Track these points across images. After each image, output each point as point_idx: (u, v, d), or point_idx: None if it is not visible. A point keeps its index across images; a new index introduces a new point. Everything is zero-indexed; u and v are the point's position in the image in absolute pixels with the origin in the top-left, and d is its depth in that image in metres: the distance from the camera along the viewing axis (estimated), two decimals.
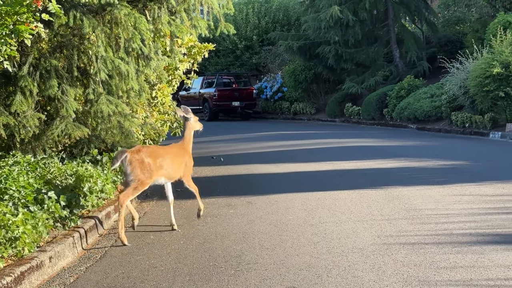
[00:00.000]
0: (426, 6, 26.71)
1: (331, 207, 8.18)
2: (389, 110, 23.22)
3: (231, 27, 10.40)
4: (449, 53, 24.50)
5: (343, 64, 26.65)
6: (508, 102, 17.43)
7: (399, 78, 25.34)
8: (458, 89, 19.48)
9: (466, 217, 7.28)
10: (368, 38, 26.81)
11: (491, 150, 14.47)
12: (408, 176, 10.53)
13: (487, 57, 17.91)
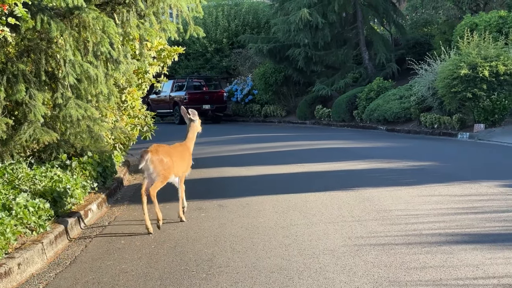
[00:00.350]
0: (395, 9, 26.96)
1: (302, 209, 8.20)
2: (359, 112, 23.38)
3: (201, 30, 10.38)
4: (417, 55, 24.77)
5: (313, 66, 26.76)
6: (475, 103, 17.66)
7: (368, 80, 25.53)
8: (426, 90, 19.68)
9: (435, 217, 7.35)
10: (338, 41, 26.96)
11: (459, 151, 14.64)
12: (378, 178, 10.60)
13: (455, 58, 18.12)
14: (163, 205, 8.60)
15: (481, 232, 6.60)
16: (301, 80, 28.40)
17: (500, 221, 7.00)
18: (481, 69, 16.98)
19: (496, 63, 17.11)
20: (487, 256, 5.70)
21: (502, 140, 15.97)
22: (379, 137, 18.82)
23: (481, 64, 17.12)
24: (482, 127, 17.62)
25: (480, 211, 7.58)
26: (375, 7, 26.32)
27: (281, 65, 28.01)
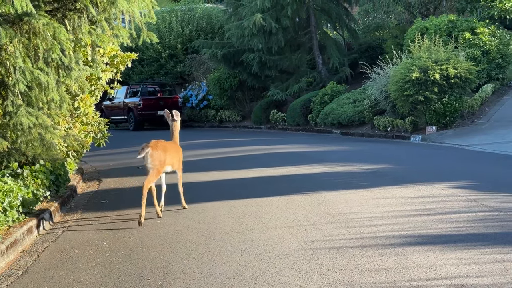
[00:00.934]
0: (347, 13, 27.23)
1: (258, 214, 8.21)
2: (313, 116, 23.52)
3: (154, 35, 10.30)
4: (370, 59, 25.05)
5: (267, 71, 26.83)
6: (427, 106, 17.94)
7: (322, 84, 25.71)
8: (379, 94, 19.91)
9: (389, 219, 7.44)
10: (291, 45, 27.11)
11: (412, 153, 14.84)
12: (333, 181, 10.68)
13: (406, 62, 18.38)
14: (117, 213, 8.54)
15: (434, 233, 6.71)
16: (256, 85, 28.45)
17: (452, 222, 7.12)
18: (432, 73, 17.26)
19: (446, 67, 17.41)
20: (440, 257, 5.79)
21: (453, 142, 16.25)
22: (333, 141, 18.97)
23: (432, 67, 17.40)
24: (434, 130, 17.91)
25: (433, 212, 7.70)
26: (328, 12, 26.54)
27: (235, 70, 28.02)
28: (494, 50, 20.43)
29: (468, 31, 20.73)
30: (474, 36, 20.59)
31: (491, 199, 8.33)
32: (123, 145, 19.66)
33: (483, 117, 18.75)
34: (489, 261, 5.61)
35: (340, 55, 26.08)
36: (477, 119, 18.73)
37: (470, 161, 13.02)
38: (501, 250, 5.92)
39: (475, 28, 20.81)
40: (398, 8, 25.92)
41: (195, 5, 36.06)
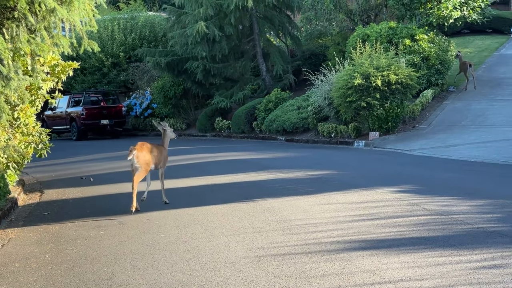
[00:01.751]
0: (290, 21, 27.44)
1: (204, 222, 8.18)
2: (258, 123, 23.59)
3: (95, 44, 10.16)
4: (313, 66, 25.30)
5: (211, 79, 26.83)
6: (370, 112, 18.20)
7: (266, 91, 25.83)
8: (323, 100, 20.10)
9: (333, 225, 7.50)
10: (235, 53, 27.16)
11: (355, 159, 15.03)
12: (278, 188, 10.72)
13: (349, 69, 18.62)
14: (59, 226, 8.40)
15: (378, 238, 6.80)
16: (201, 93, 28.39)
17: (395, 226, 7.23)
18: (374, 79, 17.52)
19: (387, 73, 17.70)
20: (383, 261, 5.86)
21: (396, 147, 16.53)
22: (278, 148, 19.06)
23: (373, 74, 17.66)
24: (376, 135, 18.17)
25: (376, 217, 7.80)
26: (271, 20, 26.70)
27: (180, 78, 27.89)
28: (434, 56, 20.89)
29: (408, 38, 21.14)
30: (414, 42, 21.01)
31: (433, 203, 8.49)
32: (66, 156, 19.35)
33: (424, 122, 19.13)
34: (431, 264, 5.71)
35: (283, 62, 26.25)
36: (418, 124, 19.10)
37: (412, 165, 13.26)
38: (442, 253, 6.04)
39: (415, 35, 21.24)
40: (339, 15, 26.25)
41: (138, 13, 35.79)
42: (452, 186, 9.98)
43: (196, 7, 24.93)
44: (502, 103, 19.98)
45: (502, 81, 23.09)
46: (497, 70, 25.14)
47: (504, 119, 17.90)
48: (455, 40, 26.20)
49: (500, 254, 5.89)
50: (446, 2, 21.05)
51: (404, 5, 22.04)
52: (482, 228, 6.93)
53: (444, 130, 17.67)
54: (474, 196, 8.89)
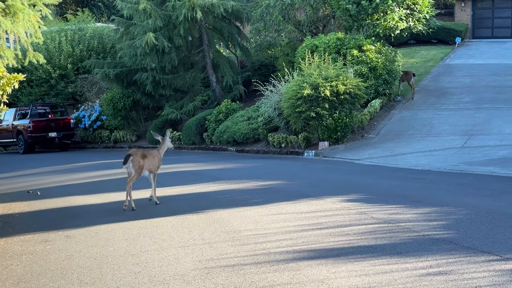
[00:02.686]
0: (239, 32, 27.54)
1: (153, 234, 8.12)
2: (209, 134, 23.57)
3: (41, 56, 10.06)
4: (263, 76, 25.43)
5: (161, 90, 26.73)
6: (319, 122, 18.36)
7: (217, 102, 25.85)
8: (273, 111, 20.19)
9: (283, 235, 7.53)
10: (185, 64, 27.13)
11: (305, 168, 15.13)
12: (229, 199, 10.71)
13: (298, 79, 18.75)
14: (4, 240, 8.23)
15: (326, 247, 6.85)
16: (150, 104, 28.23)
17: (343, 235, 7.30)
18: (322, 89, 17.69)
19: (336, 83, 17.90)
20: (332, 270, 5.91)
21: (345, 156, 16.71)
22: (229, 159, 19.06)
23: (322, 84, 17.83)
24: (326, 145, 18.33)
25: (325, 226, 7.86)
26: (220, 31, 26.77)
27: (129, 90, 27.69)
28: (381, 66, 21.21)
29: (355, 49, 21.43)
30: (362, 53, 21.30)
31: (380, 211, 8.60)
32: (13, 169, 19.00)
33: (373, 132, 19.39)
34: (378, 272, 5.79)
35: (233, 73, 26.33)
36: (367, 133, 19.34)
37: (360, 174, 13.41)
38: (389, 261, 6.12)
39: (362, 45, 21.53)
40: (288, 26, 26.45)
41: (86, 24, 35.43)
42: (400, 194, 10.13)
43: (145, 18, 24.82)
44: (448, 112, 20.39)
45: (448, 91, 23.57)
46: (443, 80, 25.65)
47: (450, 128, 18.27)
48: (401, 51, 26.67)
49: (445, 261, 6.00)
50: (392, 14, 21.42)
51: (352, 16, 22.35)
52: (428, 235, 7.05)
53: (392, 139, 17.94)
54: (421, 204, 9.04)
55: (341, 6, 22.21)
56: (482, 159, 14.03)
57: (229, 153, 21.57)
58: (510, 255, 6.04)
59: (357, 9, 21.78)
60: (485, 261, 5.94)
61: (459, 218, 7.87)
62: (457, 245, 6.53)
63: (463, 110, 20.49)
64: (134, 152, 10.52)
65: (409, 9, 22.16)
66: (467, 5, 37.44)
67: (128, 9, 25.28)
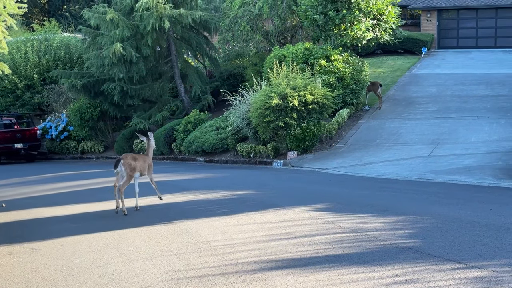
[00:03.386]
0: (207, 42, 27.54)
1: (120, 246, 8.05)
2: (177, 145, 23.49)
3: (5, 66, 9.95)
4: (231, 86, 25.46)
5: (129, 100, 26.57)
6: (287, 132, 18.41)
7: (185, 112, 25.80)
8: (241, 121, 20.21)
9: (251, 245, 7.52)
10: (153, 74, 27.02)
11: (274, 178, 15.15)
12: (197, 209, 10.68)
13: (266, 89, 18.80)
14: None
15: (294, 257, 6.85)
16: (118, 115, 28.04)
17: (311, 245, 7.31)
18: (291, 99, 17.76)
19: (304, 93, 17.99)
20: (299, 280, 5.92)
21: (313, 166, 16.77)
22: (198, 169, 19.00)
23: (290, 94, 17.90)
24: (294, 154, 18.38)
25: (293, 236, 7.87)
26: (188, 41, 26.75)
27: (96, 100, 27.48)
28: (348, 76, 21.38)
29: (323, 58, 21.55)
30: (329, 63, 21.44)
31: (348, 220, 8.64)
32: None
33: (341, 141, 19.50)
34: (345, 281, 5.81)
35: (202, 83, 26.31)
36: (335, 143, 19.45)
37: (329, 184, 13.47)
38: (356, 270, 6.15)
39: (330, 55, 21.67)
40: (256, 36, 26.54)
41: (52, 34, 35.07)
42: (367, 203, 10.18)
43: (112, 29, 24.70)
44: (414, 121, 20.60)
45: (414, 100, 23.82)
46: (410, 89, 25.93)
47: (417, 137, 18.46)
48: (369, 61, 26.94)
49: (411, 270, 6.04)
50: (359, 24, 21.60)
51: (319, 27, 22.49)
52: (394, 244, 7.10)
53: (360, 149, 18.06)
54: (388, 212, 9.10)
55: (308, 17, 22.34)
56: (448, 168, 14.19)
57: (198, 163, 21.51)
58: (475, 263, 6.11)
59: (324, 19, 21.92)
60: (450, 269, 5.99)
61: (425, 226, 7.94)
62: (423, 254, 6.58)
63: (429, 119, 20.73)
64: (124, 156, 10.94)
65: (375, 20, 22.37)
66: (432, 15, 37.93)
67: (95, 19, 25.13)
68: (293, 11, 24.69)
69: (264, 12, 24.71)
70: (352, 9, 21.55)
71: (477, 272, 5.80)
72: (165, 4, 24.49)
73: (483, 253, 6.42)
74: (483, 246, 6.69)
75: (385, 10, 22.35)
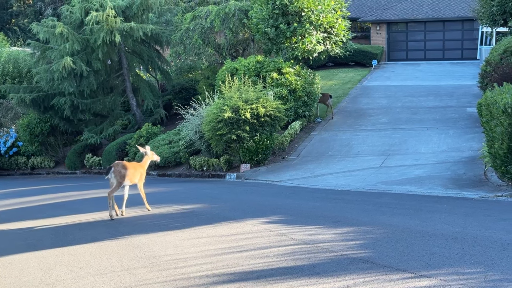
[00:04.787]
0: (159, 56, 27.46)
1: (70, 263, 7.92)
2: (129, 159, 23.25)
3: None
4: (184, 100, 25.40)
5: (80, 115, 26.30)
6: (240, 144, 18.42)
7: (138, 126, 25.64)
8: (194, 134, 20.14)
9: (203, 259, 7.48)
10: (104, 88, 26.81)
11: (227, 191, 15.12)
12: (149, 224, 10.58)
13: (218, 102, 18.78)
14: None
15: (246, 270, 6.84)
16: (69, 129, 27.71)
17: (263, 258, 7.30)
18: (243, 112, 17.78)
19: (256, 106, 18.02)
20: None
21: (266, 178, 16.80)
22: (150, 183, 18.79)
23: (243, 107, 17.92)
24: (248, 167, 18.39)
25: (245, 249, 7.85)
26: (140, 54, 26.63)
27: (46, 115, 27.10)
28: (300, 89, 21.53)
29: (275, 71, 21.67)
30: (281, 76, 21.56)
31: (300, 232, 8.67)
32: None
33: (293, 153, 19.58)
34: None
35: (154, 97, 26.20)
36: (288, 155, 19.53)
37: (281, 196, 13.50)
38: (308, 282, 6.16)
39: (282, 68, 21.81)
40: (208, 50, 26.55)
41: (0, 48, 34.54)
42: (319, 214, 10.23)
43: (62, 42, 24.45)
44: (366, 133, 20.83)
45: (365, 112, 24.11)
46: (361, 101, 26.24)
47: (368, 149, 18.66)
48: (320, 73, 27.20)
49: (362, 280, 6.08)
50: (310, 37, 21.79)
51: (271, 40, 22.62)
52: (345, 255, 7.14)
53: (313, 161, 18.16)
54: (339, 224, 9.16)
55: (260, 30, 22.46)
56: (399, 178, 14.37)
57: (151, 177, 21.32)
58: (423, 272, 6.19)
59: (275, 32, 22.06)
60: (400, 278, 6.06)
61: (376, 237, 8.02)
62: (374, 264, 6.64)
63: (380, 130, 20.99)
64: (115, 164, 11.60)
65: (326, 33, 22.61)
66: (382, 28, 38.55)
67: (44, 33, 24.85)
68: (245, 24, 24.79)
69: (216, 26, 24.74)
70: (303, 22, 21.74)
71: (426, 281, 5.88)
72: (116, 18, 24.36)
73: (431, 262, 6.51)
74: (432, 255, 6.78)
75: (336, 23, 22.61)
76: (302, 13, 21.75)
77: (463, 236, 7.54)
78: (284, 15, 22.02)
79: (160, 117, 25.96)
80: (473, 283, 5.67)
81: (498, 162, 11.90)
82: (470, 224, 8.37)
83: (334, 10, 22.69)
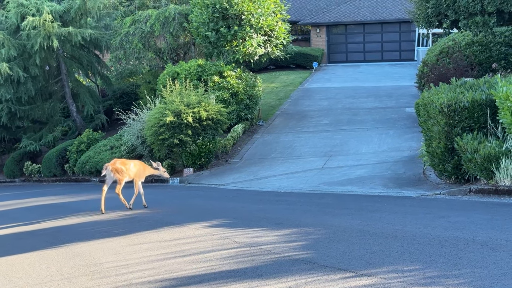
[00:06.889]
0: (99, 61, 27.12)
1: (7, 273, 7.73)
2: (70, 165, 22.91)
3: None
4: (125, 105, 25.14)
5: (18, 122, 25.80)
6: (183, 149, 18.33)
7: (78, 132, 25.26)
8: (136, 139, 19.96)
9: (145, 265, 7.40)
10: (43, 94, 26.35)
11: (170, 196, 15.03)
12: (90, 231, 10.42)
13: (160, 106, 18.66)
14: None
15: (188, 274, 6.79)
16: (7, 137, 27.17)
17: (206, 262, 7.27)
18: (185, 116, 17.69)
19: (198, 109, 17.97)
20: None
21: (210, 182, 16.76)
22: (92, 190, 18.57)
23: (185, 111, 17.84)
24: (191, 171, 18.32)
25: (188, 253, 7.80)
26: (79, 60, 26.26)
27: None
28: (242, 92, 21.57)
29: (216, 75, 21.65)
30: (223, 79, 21.56)
31: (243, 235, 8.66)
32: None
33: (236, 156, 19.59)
34: None
35: (94, 102, 25.88)
36: (231, 158, 19.52)
37: (225, 199, 13.48)
38: (250, 284, 6.15)
39: (223, 71, 21.80)
40: (149, 54, 26.35)
41: None
42: (262, 217, 10.24)
43: None
44: (308, 135, 20.99)
45: (307, 114, 24.30)
46: (302, 104, 26.43)
47: (310, 150, 18.80)
48: (262, 76, 27.30)
49: (303, 281, 6.11)
50: (250, 40, 21.85)
51: (211, 43, 22.59)
52: (288, 256, 7.16)
53: (256, 163, 18.20)
54: (282, 225, 9.19)
55: (200, 34, 22.41)
56: (340, 179, 14.52)
57: (92, 184, 21.03)
58: (364, 271, 6.25)
59: (216, 36, 22.05)
60: (341, 278, 6.10)
61: (318, 237, 8.07)
62: (316, 264, 6.68)
63: (322, 132, 21.18)
64: (112, 162, 12.37)
65: (267, 36, 22.71)
66: (322, 31, 38.95)
67: None
68: (185, 28, 24.70)
69: (156, 30, 24.56)
70: (243, 26, 21.79)
71: (366, 280, 5.94)
72: (53, 23, 23.95)
73: (372, 261, 6.58)
74: (373, 254, 6.86)
75: (276, 26, 22.74)
76: (242, 17, 21.80)
77: (403, 234, 7.66)
78: (224, 18, 22.03)
79: (101, 123, 25.64)
80: (412, 280, 5.75)
81: (436, 160, 12.14)
82: (409, 222, 8.51)
83: (274, 13, 22.83)
